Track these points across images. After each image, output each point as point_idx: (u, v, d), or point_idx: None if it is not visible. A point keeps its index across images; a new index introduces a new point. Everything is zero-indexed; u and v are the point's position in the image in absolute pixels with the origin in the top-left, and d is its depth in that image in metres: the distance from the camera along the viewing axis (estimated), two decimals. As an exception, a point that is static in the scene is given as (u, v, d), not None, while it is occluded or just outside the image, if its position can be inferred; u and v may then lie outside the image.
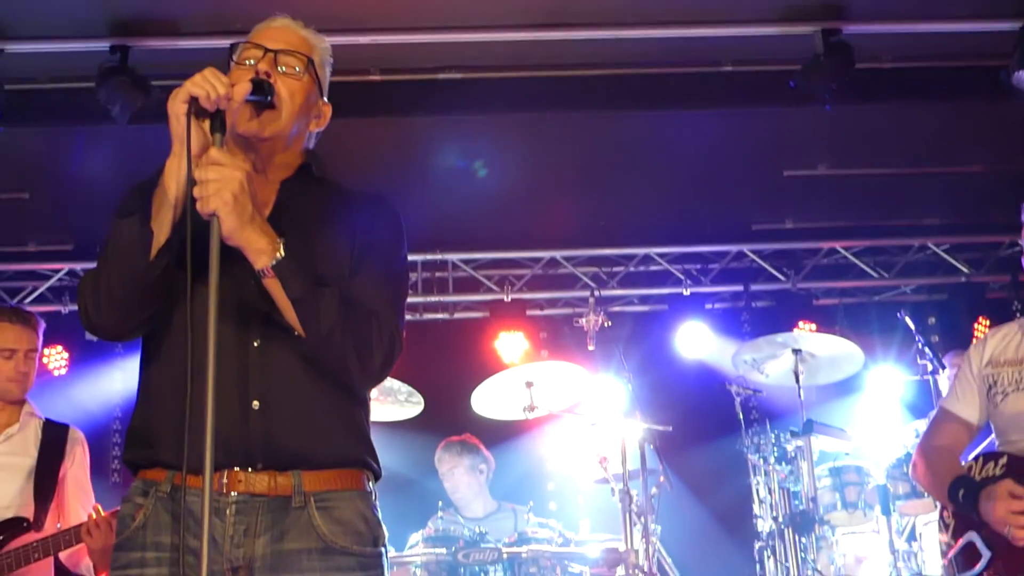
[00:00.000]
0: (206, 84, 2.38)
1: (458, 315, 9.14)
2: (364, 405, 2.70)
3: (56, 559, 4.72)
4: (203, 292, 2.28)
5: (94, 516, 4.69)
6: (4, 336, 4.87)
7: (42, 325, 5.06)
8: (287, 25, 2.76)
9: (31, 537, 4.65)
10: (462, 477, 7.02)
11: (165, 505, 2.50)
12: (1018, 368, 3.94)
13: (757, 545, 6.52)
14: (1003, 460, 3.89)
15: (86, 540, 4.64)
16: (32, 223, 8.32)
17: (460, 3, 5.95)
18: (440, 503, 6.82)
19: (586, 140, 7.30)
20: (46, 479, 4.84)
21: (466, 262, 8.90)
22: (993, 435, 4.13)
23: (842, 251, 8.90)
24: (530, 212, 8.39)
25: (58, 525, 4.85)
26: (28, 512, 4.72)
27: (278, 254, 2.40)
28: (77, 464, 5.01)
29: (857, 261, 8.92)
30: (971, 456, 4.11)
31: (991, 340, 4.11)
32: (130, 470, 2.62)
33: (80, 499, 4.99)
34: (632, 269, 9.04)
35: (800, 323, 8.61)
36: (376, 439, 2.72)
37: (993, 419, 4.04)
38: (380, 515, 2.65)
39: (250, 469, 2.49)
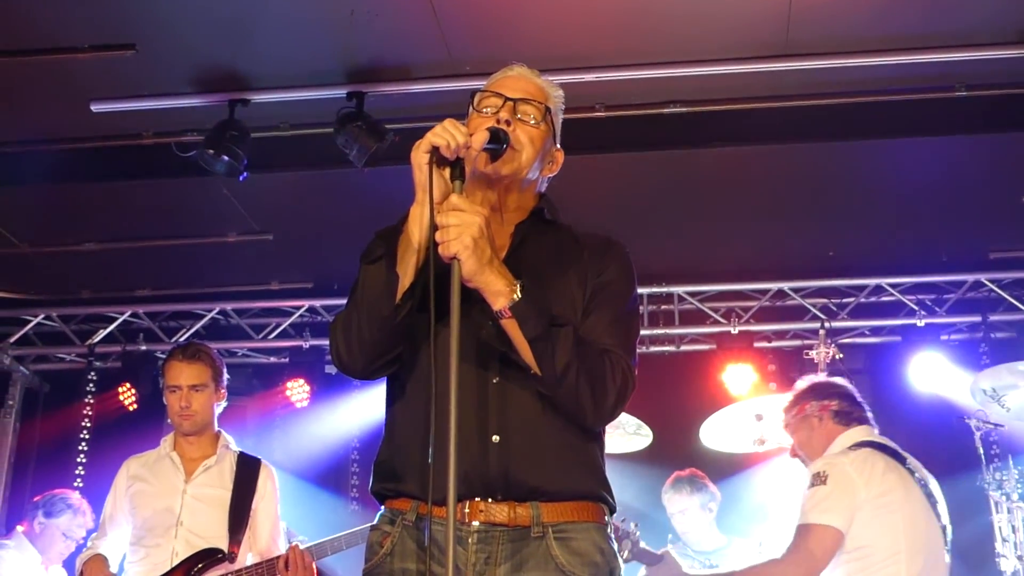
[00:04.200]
0: (446, 134, 2.48)
1: (684, 347, 9.08)
2: (599, 440, 2.76)
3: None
4: (444, 333, 2.38)
5: (291, 550, 4.88)
6: (171, 373, 5.16)
7: (217, 362, 5.25)
8: (524, 75, 2.88)
9: (226, 567, 4.87)
10: (694, 517, 6.95)
11: (411, 533, 2.62)
12: None
13: (1000, 584, 6.27)
14: None
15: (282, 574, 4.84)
16: (275, 263, 8.67)
17: (684, 38, 5.94)
18: (670, 536, 6.80)
19: (814, 169, 7.17)
20: (240, 511, 5.05)
21: (692, 294, 8.86)
22: None
23: (1089, 278, 8.46)
24: (756, 243, 8.31)
25: (249, 555, 5.04)
26: (223, 543, 4.93)
27: (515, 296, 2.49)
28: (268, 497, 5.20)
29: (1105, 289, 8.46)
30: None
31: None
32: (377, 500, 2.75)
33: (271, 532, 5.18)
34: (863, 300, 8.81)
35: (1044, 354, 8.22)
36: (606, 471, 2.77)
37: None
38: (616, 547, 2.70)
39: (490, 500, 2.57)
